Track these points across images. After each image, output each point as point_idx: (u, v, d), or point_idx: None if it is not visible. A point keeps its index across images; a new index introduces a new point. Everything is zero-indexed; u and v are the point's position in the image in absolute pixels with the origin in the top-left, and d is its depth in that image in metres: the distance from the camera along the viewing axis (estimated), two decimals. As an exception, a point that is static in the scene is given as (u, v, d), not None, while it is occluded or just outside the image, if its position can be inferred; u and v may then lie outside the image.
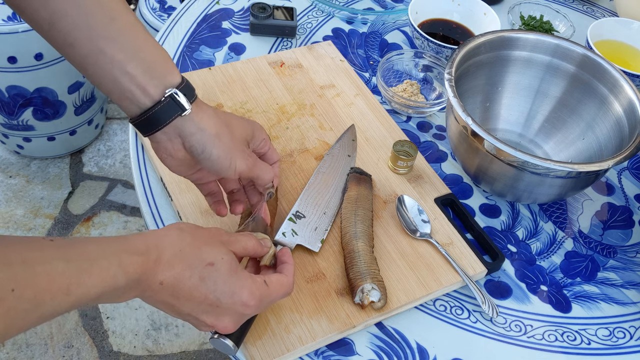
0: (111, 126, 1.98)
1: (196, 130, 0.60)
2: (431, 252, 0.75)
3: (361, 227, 0.74)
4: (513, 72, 0.90)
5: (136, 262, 0.51)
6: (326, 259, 0.73)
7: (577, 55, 0.86)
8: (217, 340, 0.60)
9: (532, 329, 0.73)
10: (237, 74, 0.93)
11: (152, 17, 1.68)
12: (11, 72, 1.54)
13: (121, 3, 0.59)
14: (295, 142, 0.86)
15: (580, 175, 0.75)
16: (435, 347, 0.69)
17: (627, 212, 0.88)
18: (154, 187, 0.80)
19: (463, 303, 0.74)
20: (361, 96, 0.93)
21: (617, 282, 0.79)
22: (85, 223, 1.74)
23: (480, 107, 0.91)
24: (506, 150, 0.72)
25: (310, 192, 0.78)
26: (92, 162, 1.89)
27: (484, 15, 1.06)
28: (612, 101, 0.83)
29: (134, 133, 0.85)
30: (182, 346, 1.52)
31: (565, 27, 1.12)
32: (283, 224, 0.74)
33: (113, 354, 1.49)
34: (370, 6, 1.15)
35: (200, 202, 0.76)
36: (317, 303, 0.69)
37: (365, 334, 0.69)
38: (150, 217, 0.77)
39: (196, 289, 0.54)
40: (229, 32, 1.04)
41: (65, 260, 0.46)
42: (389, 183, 0.83)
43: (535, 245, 0.82)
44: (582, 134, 0.87)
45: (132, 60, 0.57)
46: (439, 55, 1.00)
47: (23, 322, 0.44)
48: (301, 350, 0.65)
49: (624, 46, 1.07)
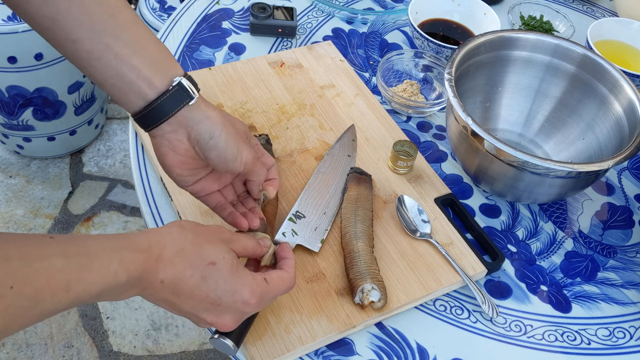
0: (111, 126, 1.98)
1: (203, 118, 0.60)
2: (431, 252, 0.75)
3: (361, 227, 0.74)
4: (513, 72, 0.90)
5: (137, 259, 0.51)
6: (326, 259, 0.73)
7: (577, 55, 0.86)
8: (217, 340, 0.60)
9: (532, 329, 0.73)
10: (237, 74, 0.93)
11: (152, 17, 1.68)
12: (11, 72, 1.54)
13: (120, 0, 0.59)
14: (295, 142, 0.86)
15: (580, 175, 0.75)
16: (435, 347, 0.69)
17: (627, 212, 0.88)
18: (154, 187, 0.80)
19: (463, 303, 0.74)
20: (361, 96, 0.93)
21: (617, 282, 0.79)
22: (85, 223, 1.74)
23: (480, 107, 0.91)
24: (506, 150, 0.72)
25: (310, 192, 0.78)
26: (92, 162, 1.89)
27: (484, 15, 1.06)
28: (612, 101, 0.84)
29: (134, 133, 0.85)
30: (182, 346, 1.52)
31: (565, 27, 1.12)
32: (283, 224, 0.74)
33: (113, 354, 1.49)
34: (370, 6, 1.15)
35: (200, 203, 0.76)
36: (317, 303, 0.69)
37: (365, 334, 0.69)
38: (150, 217, 0.77)
39: (197, 287, 0.54)
40: (229, 32, 1.04)
41: (65, 257, 0.46)
42: (389, 183, 0.83)
43: (535, 245, 0.82)
44: (582, 134, 0.87)
45: (137, 54, 0.58)
46: (439, 55, 1.00)
47: (22, 319, 0.44)
48: (301, 350, 0.65)
49: (624, 46, 1.07)
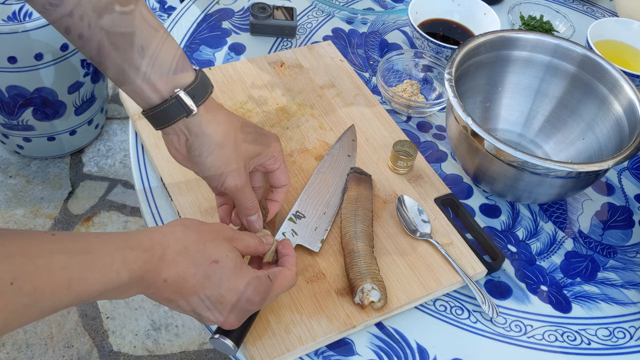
0: (111, 126, 1.98)
1: (200, 134, 0.60)
2: (431, 252, 0.75)
3: (361, 227, 0.74)
4: (513, 72, 0.90)
5: (140, 258, 0.50)
6: (326, 259, 0.73)
7: (577, 55, 0.86)
8: (217, 340, 0.60)
9: (532, 329, 0.73)
10: (237, 74, 0.93)
11: (152, 17, 1.68)
12: (11, 72, 1.54)
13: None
14: (295, 142, 0.86)
15: (580, 176, 0.75)
16: (435, 347, 0.69)
17: (627, 212, 0.88)
18: (154, 187, 0.80)
19: (463, 303, 0.74)
20: (361, 96, 0.93)
21: (617, 282, 0.79)
22: (85, 223, 1.74)
23: (480, 107, 0.91)
24: (506, 151, 0.72)
25: (310, 192, 0.78)
26: (92, 162, 1.89)
27: (484, 15, 1.06)
28: (612, 101, 0.83)
29: (134, 133, 0.85)
30: (182, 346, 1.52)
31: (565, 27, 1.12)
32: (283, 224, 0.74)
33: (113, 354, 1.49)
34: (370, 6, 1.15)
35: (200, 202, 0.76)
36: (317, 303, 0.69)
37: (365, 334, 0.69)
38: (150, 217, 0.77)
39: (201, 286, 0.54)
40: (229, 32, 1.04)
41: (67, 255, 0.46)
42: (389, 183, 0.83)
43: (535, 246, 0.82)
44: (582, 134, 0.87)
45: (145, 56, 0.57)
46: (439, 55, 1.00)
47: (22, 316, 0.43)
48: (301, 350, 0.65)
49: (624, 46, 1.07)
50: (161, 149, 0.80)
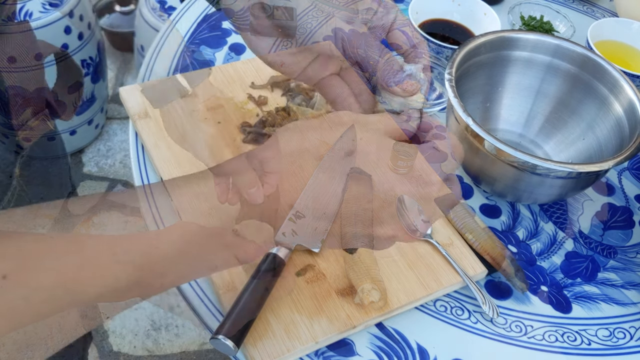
0: (111, 126, 1.98)
1: None
2: (431, 253, 0.75)
3: (361, 227, 0.74)
4: (513, 72, 0.90)
5: (137, 262, 0.50)
6: (326, 259, 0.73)
7: (578, 55, 0.86)
8: (217, 341, 0.60)
9: (533, 329, 0.73)
10: (237, 74, 0.93)
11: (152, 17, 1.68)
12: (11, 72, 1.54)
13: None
14: (295, 142, 0.86)
15: (580, 176, 0.75)
16: (435, 348, 0.69)
17: (628, 212, 0.88)
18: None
19: (463, 303, 0.74)
20: (361, 96, 0.93)
21: (618, 282, 0.79)
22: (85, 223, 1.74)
23: (480, 107, 0.91)
24: (506, 151, 0.72)
25: (310, 192, 0.78)
26: (92, 162, 1.89)
27: (484, 16, 1.06)
28: (613, 101, 0.83)
29: (134, 133, 0.85)
30: (182, 346, 1.52)
31: (565, 27, 1.12)
32: (283, 224, 0.74)
33: (113, 354, 1.49)
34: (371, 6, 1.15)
35: (200, 203, 0.76)
36: (317, 303, 0.69)
37: (366, 334, 0.69)
38: (150, 217, 0.77)
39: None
40: (229, 32, 1.04)
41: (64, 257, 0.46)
42: (389, 183, 0.82)
43: (536, 246, 0.81)
44: (582, 135, 0.87)
45: None
46: (439, 55, 1.00)
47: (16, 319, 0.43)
48: (301, 350, 0.65)
49: (624, 46, 1.07)
50: (161, 149, 0.80)
